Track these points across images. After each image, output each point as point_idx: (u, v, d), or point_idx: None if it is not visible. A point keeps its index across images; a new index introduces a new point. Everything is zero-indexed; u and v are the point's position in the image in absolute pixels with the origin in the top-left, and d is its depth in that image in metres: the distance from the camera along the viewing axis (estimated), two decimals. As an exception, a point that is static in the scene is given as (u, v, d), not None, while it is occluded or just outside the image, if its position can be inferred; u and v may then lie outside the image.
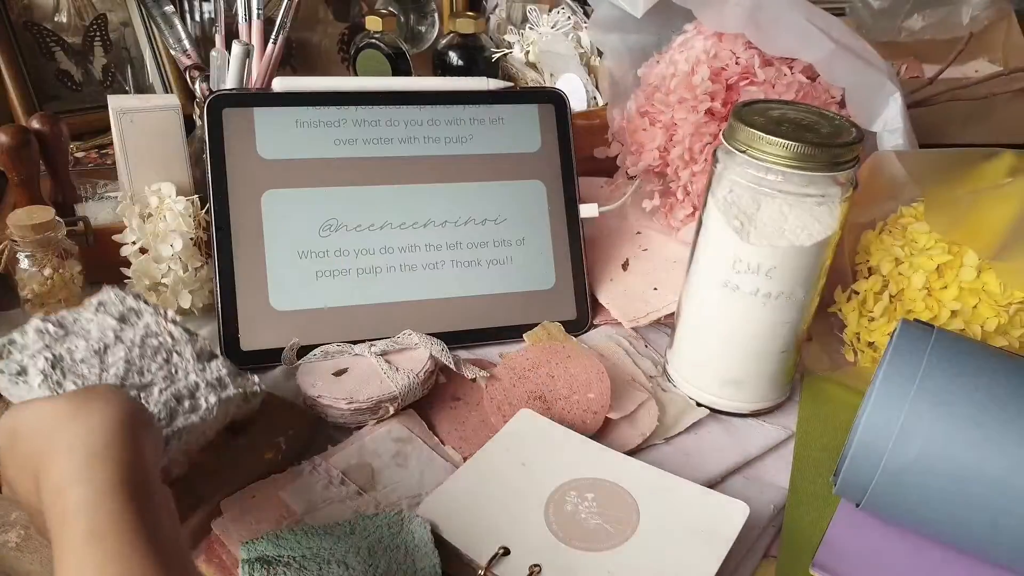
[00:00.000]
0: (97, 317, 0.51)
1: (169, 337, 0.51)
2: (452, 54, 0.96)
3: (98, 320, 0.51)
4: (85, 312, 0.51)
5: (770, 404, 0.59)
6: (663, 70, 0.70)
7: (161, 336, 0.51)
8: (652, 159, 0.71)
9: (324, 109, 0.64)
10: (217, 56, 0.74)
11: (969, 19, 1.01)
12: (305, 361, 0.58)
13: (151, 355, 0.49)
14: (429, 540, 0.44)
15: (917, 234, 0.61)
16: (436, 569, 0.43)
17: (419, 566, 0.42)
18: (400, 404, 0.55)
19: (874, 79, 0.66)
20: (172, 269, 0.63)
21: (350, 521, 0.45)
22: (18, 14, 0.82)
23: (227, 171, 0.61)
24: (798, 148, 0.50)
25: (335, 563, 0.41)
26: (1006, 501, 0.43)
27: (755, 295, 0.54)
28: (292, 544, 0.43)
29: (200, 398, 0.48)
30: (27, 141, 0.63)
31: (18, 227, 0.59)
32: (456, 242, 0.65)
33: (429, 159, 0.66)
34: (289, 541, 0.43)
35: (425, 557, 0.43)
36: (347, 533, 0.44)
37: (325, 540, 0.43)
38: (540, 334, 0.64)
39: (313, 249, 0.62)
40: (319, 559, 0.41)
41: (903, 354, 0.46)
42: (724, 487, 0.53)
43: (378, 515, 0.45)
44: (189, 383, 0.48)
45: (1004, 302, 0.57)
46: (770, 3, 0.64)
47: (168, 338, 0.51)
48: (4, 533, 0.44)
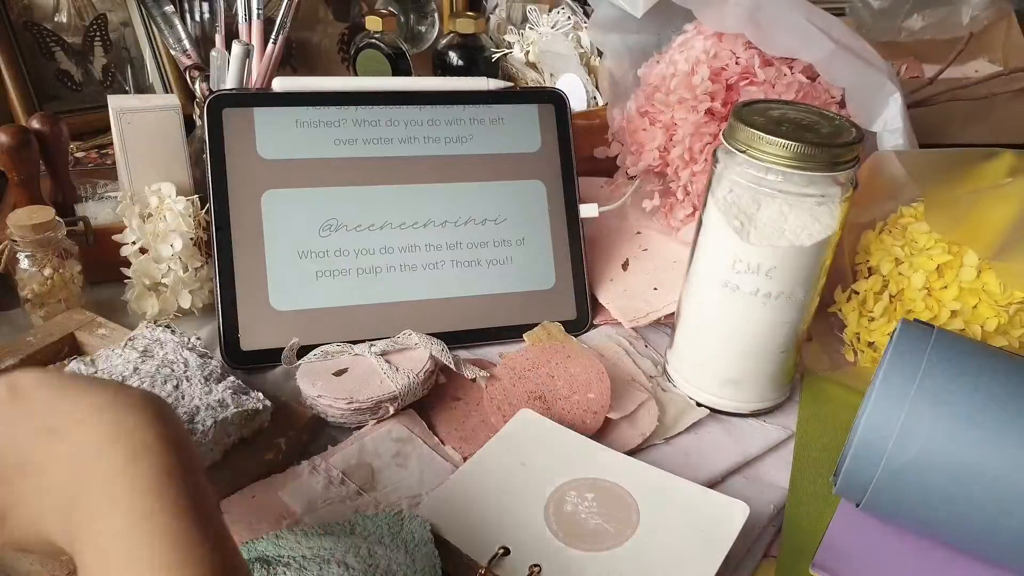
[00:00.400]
0: (124, 352, 0.53)
1: (183, 365, 0.52)
2: (452, 54, 0.96)
3: (124, 355, 0.53)
4: (117, 348, 0.53)
5: (770, 404, 0.59)
6: (663, 70, 0.70)
7: (176, 364, 0.52)
8: (652, 159, 0.71)
9: (324, 109, 0.64)
10: (217, 56, 0.74)
11: (969, 19, 1.01)
12: (305, 361, 0.58)
13: (161, 384, 0.50)
14: (429, 540, 0.44)
15: (917, 234, 0.61)
16: (436, 569, 0.43)
17: (419, 566, 0.42)
18: (400, 404, 0.55)
19: (874, 79, 0.66)
20: (172, 269, 0.63)
21: (350, 521, 0.45)
22: (18, 14, 0.82)
23: (227, 171, 0.61)
24: (798, 148, 0.50)
25: (335, 563, 0.41)
26: (1006, 501, 0.43)
27: (755, 295, 0.54)
28: (292, 544, 0.43)
29: (198, 423, 0.48)
30: (27, 141, 0.63)
31: (18, 227, 0.59)
32: (456, 242, 0.65)
33: (429, 159, 0.66)
34: (289, 541, 0.43)
35: (425, 557, 0.43)
36: (347, 533, 0.44)
37: (325, 540, 0.43)
38: (540, 334, 0.64)
39: (313, 249, 0.62)
40: (319, 559, 0.41)
41: (903, 354, 0.46)
42: (724, 487, 0.53)
43: (378, 515, 0.45)
44: (191, 408, 0.49)
45: (1004, 302, 0.57)
46: (770, 3, 0.64)
47: (182, 366, 0.52)
48: (5, 533, 0.44)
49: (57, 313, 0.62)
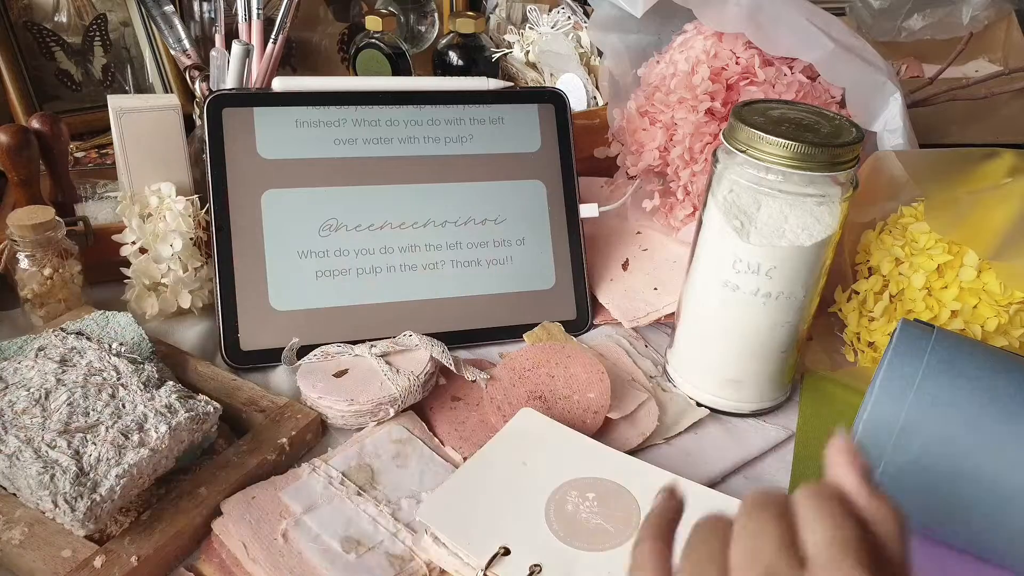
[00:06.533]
0: (38, 363, 0.51)
1: (114, 371, 0.50)
2: (452, 54, 0.96)
3: (39, 366, 0.50)
4: (25, 360, 0.51)
5: (770, 404, 0.59)
6: (663, 70, 0.70)
7: (105, 372, 0.50)
8: (652, 159, 0.71)
9: (324, 109, 0.64)
10: (217, 56, 0.74)
11: (969, 19, 1.01)
12: (305, 361, 0.58)
13: (95, 393, 0.49)
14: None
15: (917, 234, 0.61)
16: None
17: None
18: (400, 406, 0.55)
19: (874, 79, 0.66)
20: (172, 269, 0.63)
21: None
22: (18, 14, 0.82)
23: (227, 171, 0.61)
24: (798, 148, 0.50)
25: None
26: (1006, 501, 0.43)
27: (755, 295, 0.54)
28: None
29: (150, 429, 0.46)
30: (27, 141, 0.63)
31: (18, 227, 0.59)
32: (456, 242, 0.65)
33: (429, 159, 0.66)
34: None
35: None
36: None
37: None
38: (540, 334, 0.64)
39: (313, 249, 0.62)
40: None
41: (903, 354, 0.46)
42: (724, 487, 0.53)
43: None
44: (137, 415, 0.47)
45: (1004, 302, 0.57)
46: (770, 3, 0.64)
47: (113, 373, 0.50)
48: (8, 530, 0.44)
49: (57, 313, 0.62)
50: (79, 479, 0.43)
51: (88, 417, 0.47)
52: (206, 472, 0.48)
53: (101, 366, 0.51)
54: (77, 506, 0.42)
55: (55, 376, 0.50)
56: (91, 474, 0.43)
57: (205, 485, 0.48)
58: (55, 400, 0.48)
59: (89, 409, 0.47)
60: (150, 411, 0.48)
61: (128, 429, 0.46)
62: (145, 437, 0.46)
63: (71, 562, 0.42)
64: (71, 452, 0.44)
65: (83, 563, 0.42)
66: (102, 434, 0.46)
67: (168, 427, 0.47)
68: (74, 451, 0.44)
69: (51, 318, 0.62)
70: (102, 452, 0.44)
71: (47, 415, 0.47)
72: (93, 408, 0.47)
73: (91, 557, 0.42)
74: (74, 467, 0.43)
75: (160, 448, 0.46)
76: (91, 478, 0.43)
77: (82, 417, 0.47)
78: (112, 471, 0.44)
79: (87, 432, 0.46)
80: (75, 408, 0.47)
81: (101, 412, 0.47)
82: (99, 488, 0.43)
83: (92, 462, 0.44)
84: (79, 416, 0.47)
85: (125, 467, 0.44)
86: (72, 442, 0.45)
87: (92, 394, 0.48)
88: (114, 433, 0.46)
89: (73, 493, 0.42)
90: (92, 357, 0.52)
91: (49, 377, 0.50)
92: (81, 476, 0.43)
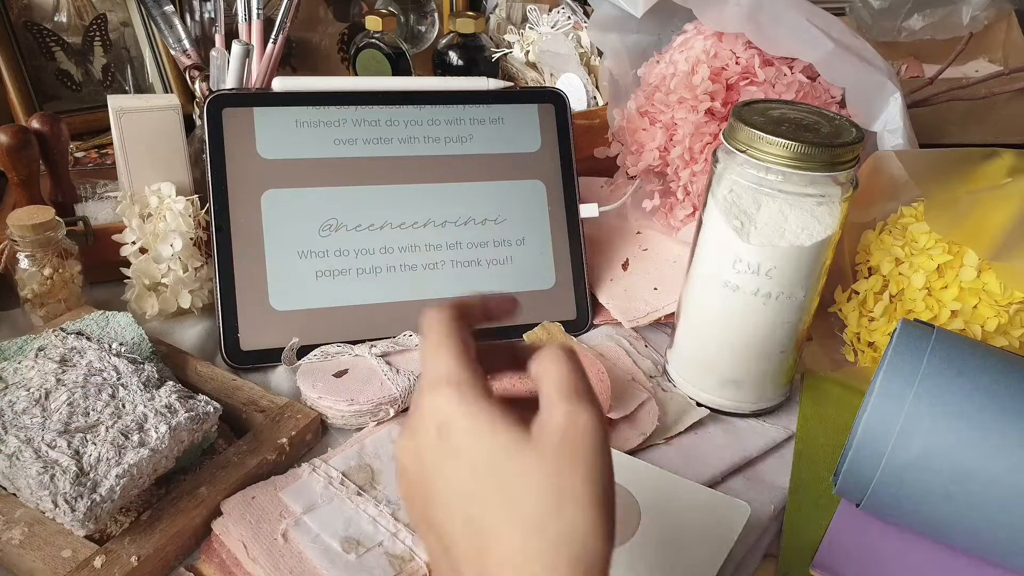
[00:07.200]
0: (38, 363, 0.51)
1: (114, 371, 0.50)
2: (452, 54, 0.96)
3: (39, 366, 0.50)
4: (25, 360, 0.51)
5: (770, 404, 0.59)
6: (663, 70, 0.70)
7: (106, 372, 0.50)
8: (652, 159, 0.71)
9: (324, 109, 0.64)
10: (217, 56, 0.74)
11: (969, 19, 1.00)
12: (305, 361, 0.58)
13: (95, 393, 0.48)
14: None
15: (917, 234, 0.61)
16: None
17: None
18: (400, 406, 0.55)
19: (874, 79, 0.66)
20: (172, 269, 0.63)
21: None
22: (18, 14, 0.82)
23: (227, 171, 0.61)
24: (798, 148, 0.50)
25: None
26: (1006, 500, 0.43)
27: (755, 295, 0.54)
28: None
29: (150, 429, 0.46)
30: (27, 141, 0.63)
31: (18, 227, 0.59)
32: (456, 242, 0.65)
33: (429, 159, 0.66)
34: None
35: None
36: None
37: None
38: (540, 334, 0.64)
39: (313, 249, 0.62)
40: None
41: (903, 354, 0.46)
42: (724, 487, 0.53)
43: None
44: (137, 415, 0.47)
45: (1004, 302, 0.57)
46: (770, 3, 0.64)
47: (113, 373, 0.50)
48: (8, 530, 0.44)
49: (57, 313, 0.62)
50: (79, 479, 0.43)
51: (88, 417, 0.47)
52: (206, 472, 0.48)
53: (101, 366, 0.51)
54: (77, 506, 0.42)
55: (55, 376, 0.50)
56: (91, 474, 0.43)
57: (205, 485, 0.48)
58: (55, 400, 0.48)
59: (89, 409, 0.47)
60: (150, 411, 0.48)
61: (128, 429, 0.46)
62: (145, 437, 0.46)
63: (71, 562, 0.42)
64: (71, 452, 0.44)
65: (83, 563, 0.42)
66: (102, 434, 0.46)
67: (168, 427, 0.47)
68: (74, 451, 0.44)
69: (51, 318, 0.62)
70: (102, 452, 0.44)
71: (47, 415, 0.47)
72: (93, 408, 0.47)
73: (91, 557, 0.42)
74: (74, 467, 0.43)
75: (160, 448, 0.46)
76: (91, 478, 0.43)
77: (82, 417, 0.47)
78: (112, 471, 0.43)
79: (87, 432, 0.46)
80: (75, 408, 0.47)
81: (101, 412, 0.47)
82: (99, 488, 0.43)
83: (92, 462, 0.44)
84: (79, 416, 0.47)
85: (125, 467, 0.44)
86: (72, 442, 0.45)
87: (92, 394, 0.48)
88: (114, 433, 0.46)
89: (73, 493, 0.42)
90: (92, 357, 0.51)
91: (49, 377, 0.49)
92: (81, 476, 0.43)
